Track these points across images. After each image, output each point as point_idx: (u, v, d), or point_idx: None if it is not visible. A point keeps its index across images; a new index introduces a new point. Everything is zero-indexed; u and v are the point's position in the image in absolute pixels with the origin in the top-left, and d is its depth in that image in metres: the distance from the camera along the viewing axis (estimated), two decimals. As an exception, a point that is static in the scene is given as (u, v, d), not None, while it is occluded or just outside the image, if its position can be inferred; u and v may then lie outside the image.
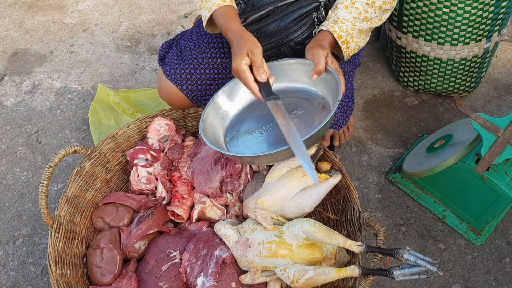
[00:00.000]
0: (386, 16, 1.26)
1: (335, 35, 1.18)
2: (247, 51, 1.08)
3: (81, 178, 1.37)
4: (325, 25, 1.20)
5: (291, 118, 1.20)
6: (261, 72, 1.08)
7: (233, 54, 1.10)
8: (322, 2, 1.27)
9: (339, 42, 1.19)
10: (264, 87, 1.09)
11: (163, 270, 1.24)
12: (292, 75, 1.24)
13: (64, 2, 2.45)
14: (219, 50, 1.42)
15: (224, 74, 1.45)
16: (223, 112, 1.28)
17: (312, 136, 1.04)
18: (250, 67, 1.09)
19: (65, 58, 2.16)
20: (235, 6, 1.23)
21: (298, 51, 1.31)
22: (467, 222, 1.51)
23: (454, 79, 1.77)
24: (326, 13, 1.31)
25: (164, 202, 1.42)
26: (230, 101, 1.28)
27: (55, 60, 2.16)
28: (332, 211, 1.41)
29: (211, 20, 1.23)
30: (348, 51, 1.22)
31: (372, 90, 1.96)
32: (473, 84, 1.83)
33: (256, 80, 1.08)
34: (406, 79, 1.89)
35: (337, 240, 1.10)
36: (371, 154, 1.74)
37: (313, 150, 1.35)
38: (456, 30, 1.59)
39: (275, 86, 1.27)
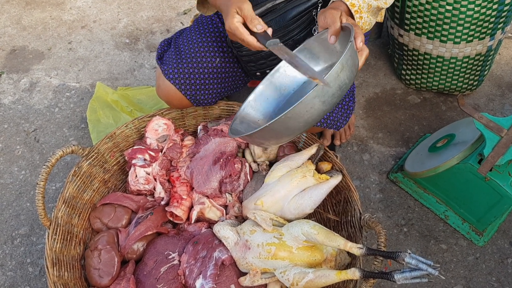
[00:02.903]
0: (391, 0, 1.23)
1: (347, 3, 1.14)
2: (236, 9, 1.07)
3: (78, 178, 1.36)
4: None
5: None
6: (256, 23, 1.06)
7: (224, 18, 1.10)
8: None
9: (352, 11, 1.15)
10: (262, 37, 1.07)
11: (162, 272, 1.23)
12: (318, 54, 1.19)
13: (63, -2, 2.43)
14: (218, 49, 1.40)
15: (224, 74, 1.43)
16: (256, 115, 1.23)
17: (329, 83, 0.93)
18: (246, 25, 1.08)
19: (63, 56, 2.14)
20: None
21: None
22: (469, 222, 1.49)
23: (456, 77, 1.75)
24: None
25: (162, 202, 1.41)
26: (261, 104, 1.24)
27: (53, 58, 2.14)
28: (333, 212, 1.39)
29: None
30: (361, 21, 1.18)
31: (374, 88, 1.94)
32: (476, 82, 1.81)
33: (253, 33, 1.07)
34: (408, 77, 1.87)
35: (337, 242, 1.08)
36: (372, 153, 1.73)
37: (313, 150, 1.34)
38: (459, 28, 1.57)
39: (304, 76, 1.19)
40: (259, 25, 1.06)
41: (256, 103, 1.24)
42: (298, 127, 1.00)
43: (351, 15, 1.16)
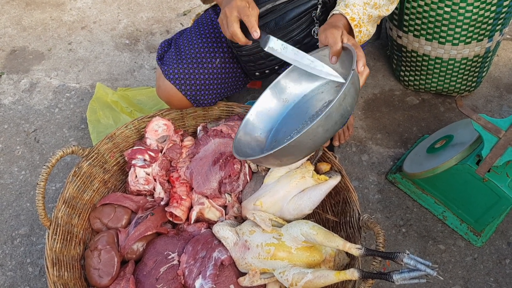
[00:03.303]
0: (392, 7, 1.24)
1: (348, 17, 1.15)
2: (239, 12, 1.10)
3: (78, 178, 1.36)
4: (337, 9, 1.17)
5: (321, 109, 1.18)
6: (253, 31, 1.10)
7: (226, 5, 1.12)
8: (320, 0, 1.26)
9: (352, 25, 1.16)
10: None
11: (161, 272, 1.23)
12: None
13: (63, -1, 2.44)
14: (218, 50, 1.41)
15: (223, 74, 1.43)
16: (258, 129, 1.26)
17: (331, 113, 0.98)
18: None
19: (63, 56, 2.15)
20: None
21: None
22: (467, 223, 1.50)
23: (455, 78, 1.76)
24: (325, 12, 1.29)
25: (162, 203, 1.41)
26: (262, 118, 1.26)
27: (53, 58, 2.14)
28: (332, 213, 1.40)
29: None
30: (360, 35, 1.19)
31: (373, 89, 1.94)
32: (474, 83, 1.82)
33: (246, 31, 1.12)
34: (406, 78, 1.88)
35: (336, 243, 1.09)
36: (371, 154, 1.73)
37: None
38: (458, 30, 1.58)
39: (305, 88, 1.26)
40: (255, 33, 1.10)
41: (257, 117, 1.26)
42: (301, 154, 1.08)
43: (350, 28, 1.17)
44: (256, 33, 1.10)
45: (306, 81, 1.25)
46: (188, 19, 2.31)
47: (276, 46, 1.12)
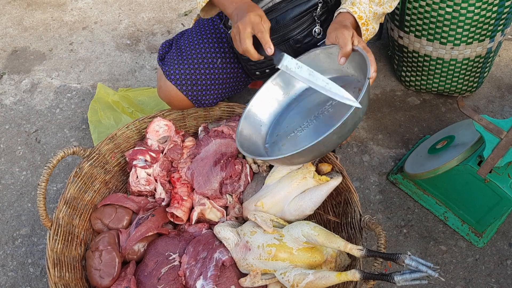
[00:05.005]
0: (395, 3, 1.24)
1: (355, 15, 1.15)
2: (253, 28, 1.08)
3: (79, 179, 1.36)
4: (344, 7, 1.17)
5: (327, 109, 1.20)
6: (268, 47, 1.08)
7: (234, 19, 1.11)
8: None
9: (360, 23, 1.16)
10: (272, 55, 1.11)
11: (162, 273, 1.23)
12: (322, 65, 1.21)
13: (64, -1, 2.44)
14: (219, 50, 1.41)
15: (225, 74, 1.43)
16: (259, 121, 1.27)
17: (347, 121, 1.00)
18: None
19: (64, 57, 2.15)
20: None
21: (297, 50, 1.30)
22: (468, 224, 1.49)
23: (456, 79, 1.76)
24: (326, 11, 1.29)
25: (163, 203, 1.41)
26: (264, 109, 1.28)
27: (54, 59, 2.14)
28: (333, 213, 1.40)
29: (210, 3, 1.22)
30: (367, 33, 1.20)
31: (374, 90, 1.94)
32: (476, 84, 1.81)
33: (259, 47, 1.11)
34: (408, 79, 1.88)
35: (337, 243, 1.09)
36: (372, 154, 1.73)
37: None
38: (459, 30, 1.57)
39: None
40: (269, 49, 1.08)
41: (258, 108, 1.28)
42: (313, 157, 1.14)
43: (356, 26, 1.17)
44: (270, 50, 1.08)
45: None
46: (190, 20, 2.31)
47: (290, 65, 1.10)
